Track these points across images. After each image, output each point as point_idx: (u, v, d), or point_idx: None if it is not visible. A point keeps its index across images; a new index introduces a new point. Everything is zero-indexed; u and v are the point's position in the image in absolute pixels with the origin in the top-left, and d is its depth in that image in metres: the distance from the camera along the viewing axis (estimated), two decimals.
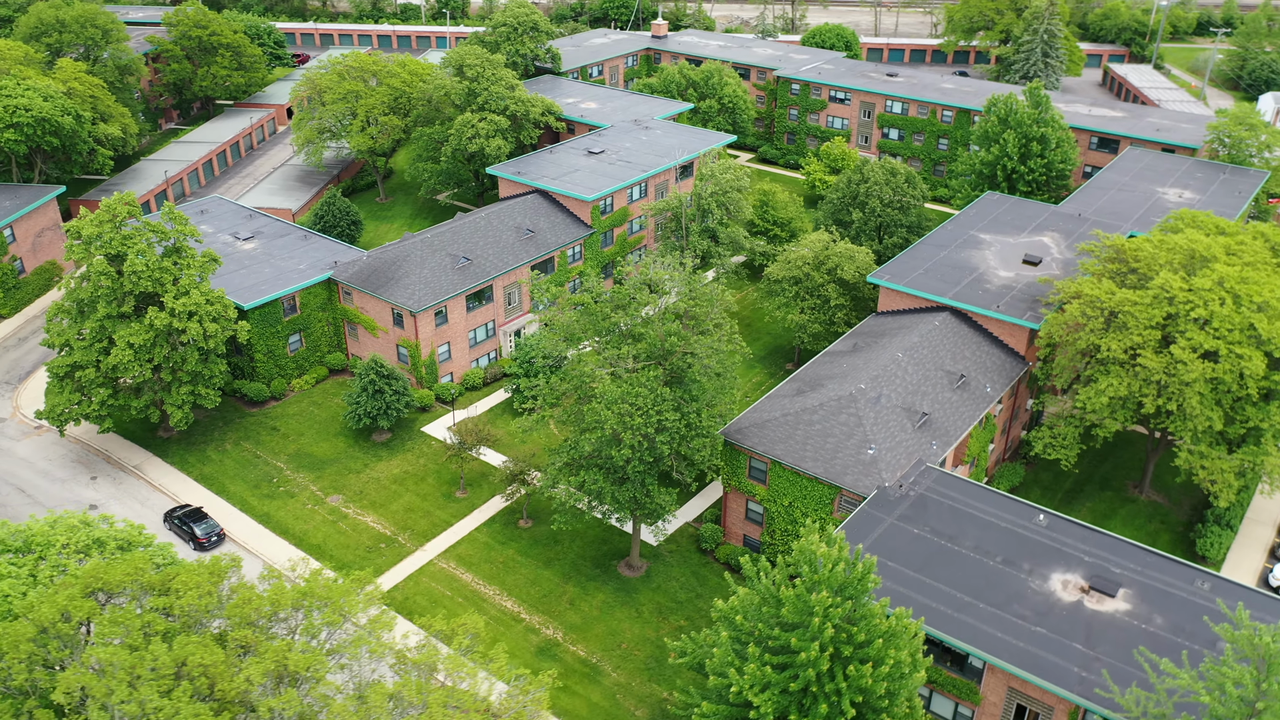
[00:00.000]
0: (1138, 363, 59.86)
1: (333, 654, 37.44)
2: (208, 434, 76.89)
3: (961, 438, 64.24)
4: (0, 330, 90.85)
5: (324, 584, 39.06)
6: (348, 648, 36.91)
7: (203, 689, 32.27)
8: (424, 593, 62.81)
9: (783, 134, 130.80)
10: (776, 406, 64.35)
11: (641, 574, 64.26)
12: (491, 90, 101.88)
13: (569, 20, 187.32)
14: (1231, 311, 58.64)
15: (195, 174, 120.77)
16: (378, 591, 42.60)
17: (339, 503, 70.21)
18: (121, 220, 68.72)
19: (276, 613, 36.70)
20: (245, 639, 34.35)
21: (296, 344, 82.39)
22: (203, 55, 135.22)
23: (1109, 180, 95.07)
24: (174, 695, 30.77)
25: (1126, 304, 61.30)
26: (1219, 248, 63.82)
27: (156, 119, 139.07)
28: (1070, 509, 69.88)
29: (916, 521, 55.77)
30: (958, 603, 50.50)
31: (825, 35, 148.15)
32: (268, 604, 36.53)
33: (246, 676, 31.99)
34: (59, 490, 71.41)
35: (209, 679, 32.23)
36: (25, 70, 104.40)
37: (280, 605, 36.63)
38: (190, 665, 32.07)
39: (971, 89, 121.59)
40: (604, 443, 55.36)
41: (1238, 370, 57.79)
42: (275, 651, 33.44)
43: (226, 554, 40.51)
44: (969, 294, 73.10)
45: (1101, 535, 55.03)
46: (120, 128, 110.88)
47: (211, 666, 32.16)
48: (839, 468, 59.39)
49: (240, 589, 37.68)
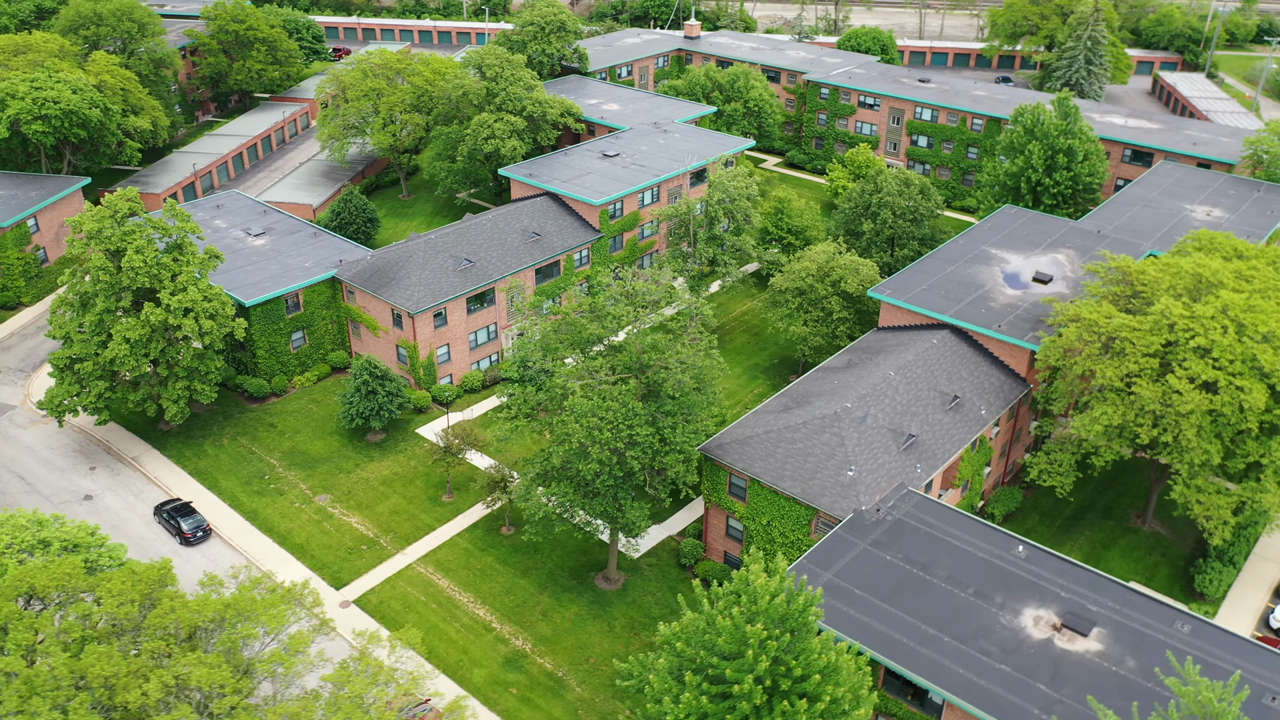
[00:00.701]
0: (1133, 391, 57.71)
1: (241, 668, 37.21)
2: (206, 428, 77.79)
3: (950, 461, 62.54)
4: (21, 318, 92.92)
5: (248, 597, 38.96)
6: (263, 663, 36.74)
7: (104, 701, 32.39)
8: (399, 597, 62.82)
9: (811, 139, 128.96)
10: (760, 423, 63.23)
11: (618, 587, 63.61)
12: (509, 91, 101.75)
13: (608, 19, 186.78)
14: (1233, 341, 56.21)
15: (224, 167, 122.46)
16: (315, 602, 42.43)
17: (326, 502, 70.56)
18: (123, 216, 69.63)
19: (196, 625, 36.70)
20: (159, 650, 34.38)
21: (300, 341, 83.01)
22: (239, 49, 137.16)
23: (1135, 196, 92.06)
24: (71, 707, 30.89)
25: (1124, 329, 59.14)
26: (1229, 273, 61.31)
27: (193, 111, 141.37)
28: (1068, 537, 67.83)
29: (890, 547, 54.36)
30: (922, 635, 49.08)
31: (861, 38, 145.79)
32: (189, 615, 36.53)
33: (143, 690, 32.00)
34: (57, 479, 72.73)
35: (109, 691, 32.32)
36: (59, 63, 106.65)
37: (202, 617, 36.63)
38: (91, 676, 32.20)
39: (1004, 97, 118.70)
40: (572, 456, 54.80)
41: (1237, 402, 55.39)
42: (179, 666, 33.43)
43: (157, 561, 40.51)
44: (971, 312, 71.20)
45: (1082, 570, 53.15)
46: (150, 121, 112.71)
47: (113, 678, 32.24)
48: (817, 488, 58.16)
49: (169, 597, 37.76)
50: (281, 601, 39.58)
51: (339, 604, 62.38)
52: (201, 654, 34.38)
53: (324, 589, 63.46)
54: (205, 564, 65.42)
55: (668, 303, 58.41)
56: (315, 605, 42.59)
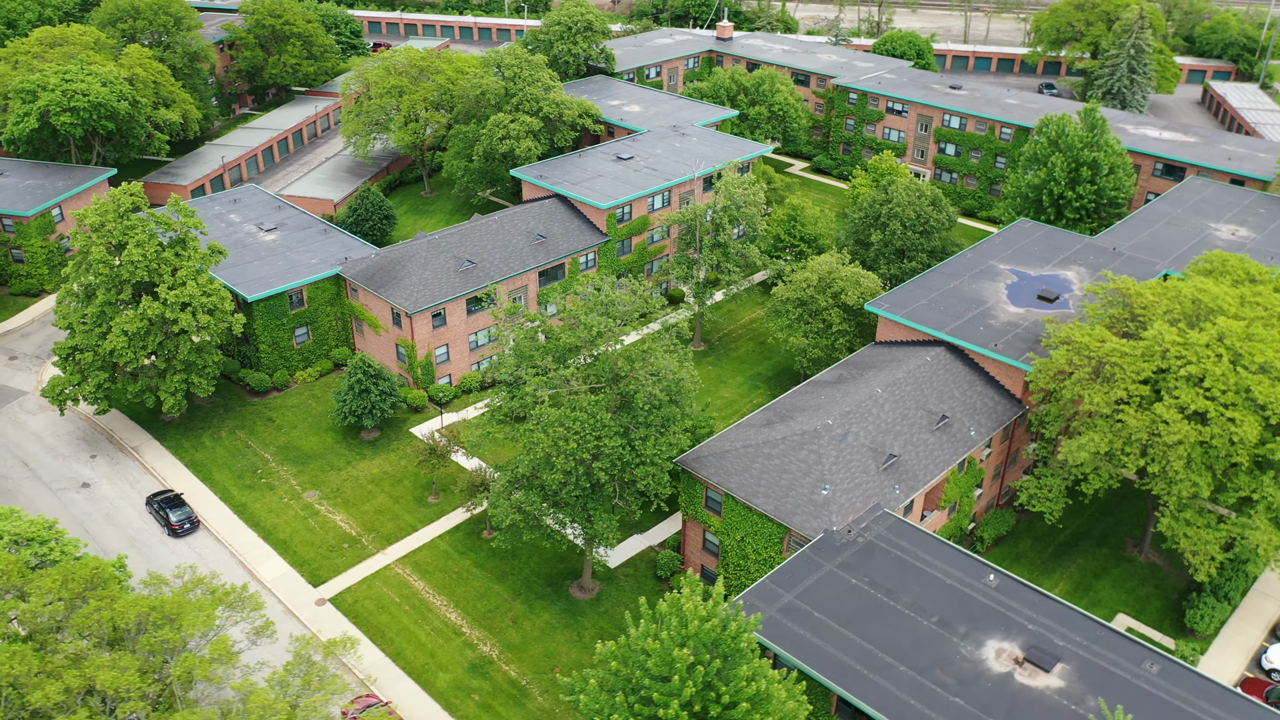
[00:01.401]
0: (1119, 418, 55.88)
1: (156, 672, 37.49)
2: (206, 420, 78.98)
3: (934, 483, 61.18)
4: (42, 306, 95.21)
5: (176, 600, 39.26)
6: (176, 669, 36.99)
7: (14, 700, 32.90)
8: (374, 597, 63.18)
9: (838, 144, 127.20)
10: (740, 436, 62.42)
11: (592, 596, 63.30)
12: (527, 91, 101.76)
13: (647, 18, 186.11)
14: (1227, 371, 54.13)
15: (254, 160, 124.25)
16: (254, 606, 42.67)
17: (314, 499, 71.22)
18: (126, 210, 70.88)
19: (117, 626, 37.12)
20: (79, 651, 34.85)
21: (303, 337, 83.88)
22: (275, 43, 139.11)
23: (1158, 212, 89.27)
24: None
25: (1115, 354, 57.29)
26: (1232, 298, 59.06)
27: (229, 104, 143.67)
28: (1059, 564, 66.05)
29: (857, 570, 53.30)
30: (877, 663, 48.02)
31: (897, 42, 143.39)
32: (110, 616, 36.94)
33: (45, 692, 32.44)
34: (58, 466, 74.37)
35: (19, 690, 32.85)
36: (94, 56, 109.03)
37: (125, 619, 37.02)
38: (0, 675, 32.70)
39: (1035, 106, 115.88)
40: (537, 465, 54.57)
41: (1228, 435, 53.33)
42: (91, 668, 33.82)
43: (88, 558, 41.04)
44: (969, 329, 69.56)
45: (1053, 603, 51.60)
46: (181, 113, 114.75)
47: (23, 677, 32.76)
48: (790, 506, 57.23)
49: (99, 597, 38.26)
50: (219, 604, 39.82)
51: (314, 601, 62.95)
52: (117, 656, 34.76)
53: (301, 586, 64.08)
54: (190, 556, 66.43)
55: (642, 313, 57.77)
56: (255, 609, 42.80)
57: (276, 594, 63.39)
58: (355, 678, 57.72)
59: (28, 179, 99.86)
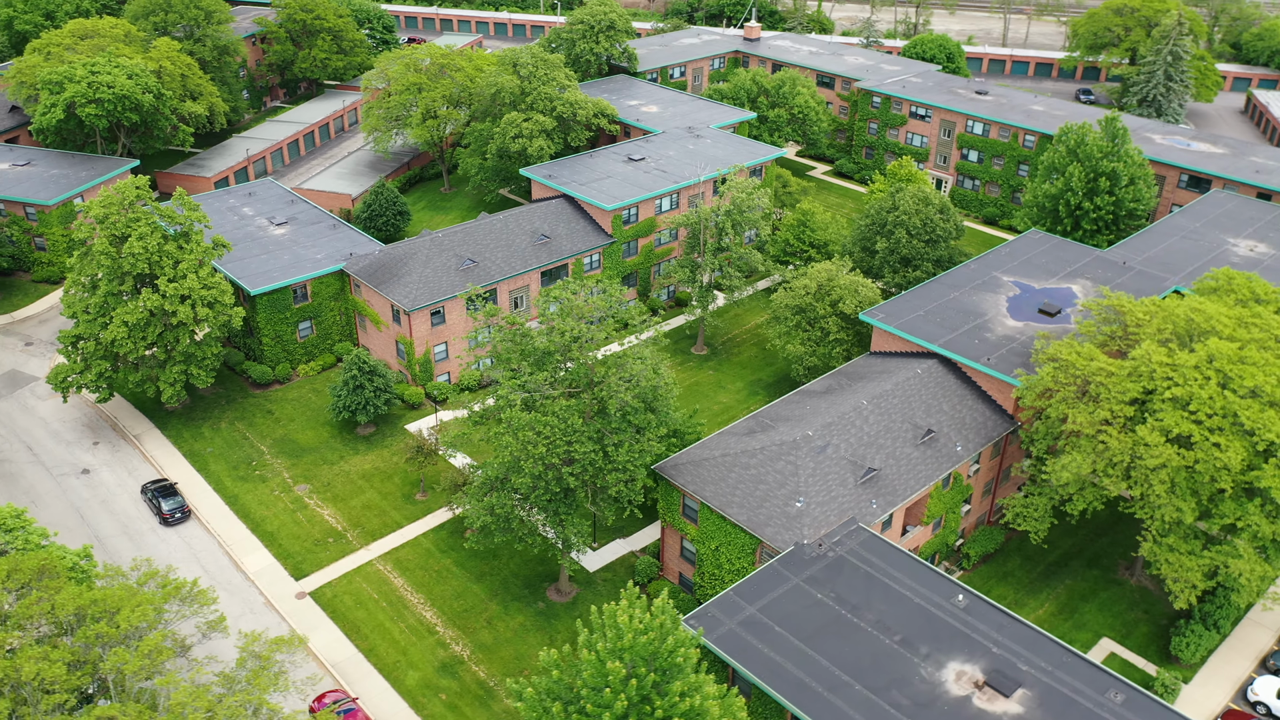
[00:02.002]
0: (1101, 439, 54.60)
1: (85, 664, 38.03)
2: (207, 411, 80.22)
3: (915, 498, 60.30)
4: (61, 293, 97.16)
5: (115, 594, 39.84)
6: (107, 663, 37.48)
7: None
8: (353, 593, 63.75)
9: (861, 148, 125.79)
10: (721, 444, 62.01)
11: (568, 600, 63.30)
12: (541, 90, 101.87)
13: (680, 16, 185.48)
14: (1215, 394, 52.65)
15: (280, 153, 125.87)
16: (204, 601, 43.21)
17: (304, 492, 72.02)
18: (129, 202, 72.17)
19: (59, 619, 37.81)
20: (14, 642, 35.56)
21: (307, 330, 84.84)
22: (305, 37, 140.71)
23: (1175, 225, 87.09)
24: None
25: (1101, 374, 55.99)
26: (1228, 319, 57.43)
27: (261, 97, 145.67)
28: (1046, 584, 64.77)
29: (824, 585, 52.70)
30: (834, 681, 47.44)
31: (927, 45, 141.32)
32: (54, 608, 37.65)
33: None
34: (61, 451, 76.01)
35: None
36: (123, 48, 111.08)
37: (64, 611, 37.69)
38: None
39: (1061, 113, 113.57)
40: (506, 469, 54.67)
41: (1212, 460, 51.85)
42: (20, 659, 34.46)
43: (53, 548, 41.78)
44: (963, 342, 68.42)
45: (1021, 626, 50.62)
46: (207, 106, 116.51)
47: None
48: (763, 517, 56.76)
49: (44, 588, 38.99)
50: (169, 598, 40.37)
51: (295, 595, 63.67)
52: (47, 648, 35.41)
53: (284, 579, 64.84)
54: (179, 544, 67.58)
55: (622, 322, 57.62)
56: (206, 604, 43.36)
57: (259, 586, 64.21)
58: (327, 672, 58.33)
59: (53, 169, 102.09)
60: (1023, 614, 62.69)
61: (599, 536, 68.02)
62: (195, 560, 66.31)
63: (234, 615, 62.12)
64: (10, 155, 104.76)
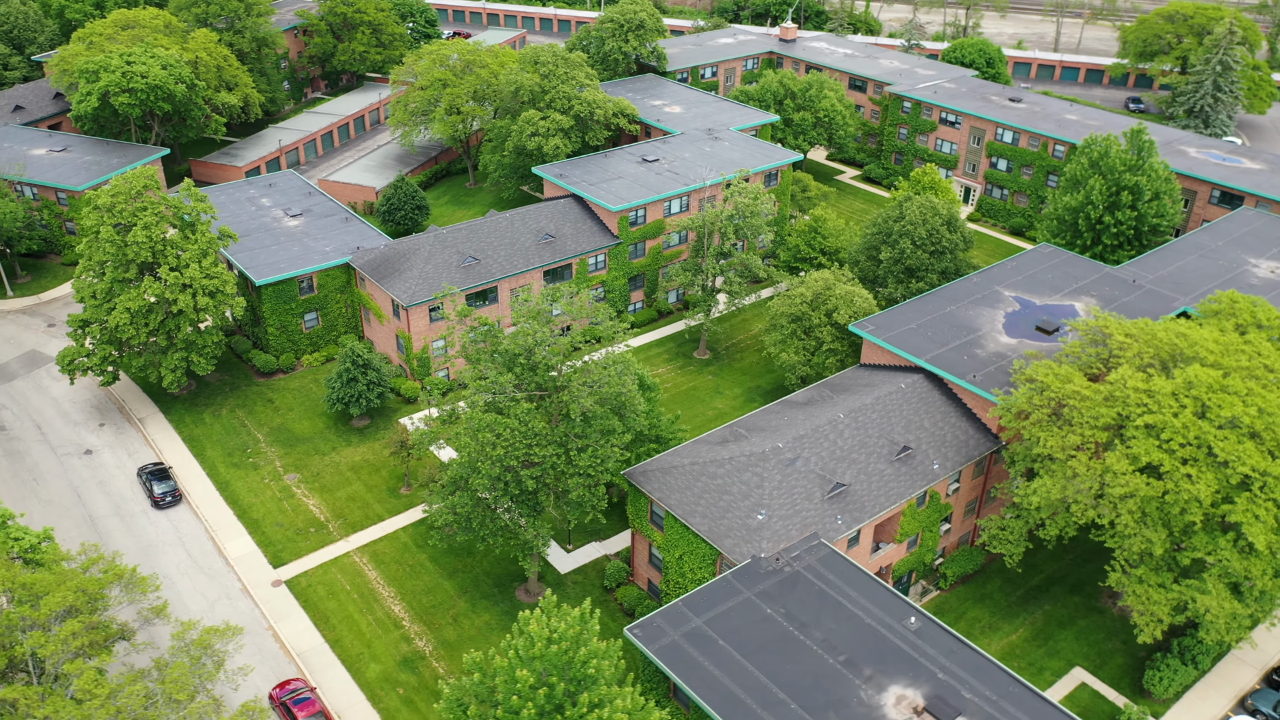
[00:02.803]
0: (1070, 465, 53.19)
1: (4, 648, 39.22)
2: (211, 397, 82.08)
3: (885, 515, 59.38)
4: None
5: (46, 578, 40.98)
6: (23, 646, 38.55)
7: None
8: (327, 583, 64.79)
9: (890, 154, 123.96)
10: (693, 453, 61.70)
11: (536, 600, 63.49)
12: (559, 89, 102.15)
13: (725, 15, 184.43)
14: (1189, 423, 50.95)
15: (313, 144, 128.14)
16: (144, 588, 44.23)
17: (293, 481, 73.34)
18: (137, 192, 74.07)
19: None
20: None
21: (313, 322, 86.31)
22: (346, 30, 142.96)
23: (1195, 243, 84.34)
24: None
25: (1075, 397, 54.53)
26: (1214, 345, 55.49)
27: (302, 88, 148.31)
28: (1024, 609, 63.36)
29: (776, 600, 52.19)
30: (770, 699, 46.98)
31: (967, 49, 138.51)
32: None
33: None
34: (68, 431, 78.41)
35: None
36: (161, 39, 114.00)
37: None
38: None
39: (1095, 123, 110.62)
40: (464, 469, 55.08)
41: (1180, 491, 50.19)
42: None
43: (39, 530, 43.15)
44: (950, 358, 67.12)
45: (971, 652, 49.58)
46: (242, 97, 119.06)
47: None
48: (723, 528, 56.38)
49: None
50: (109, 583, 41.46)
51: (271, 583, 64.89)
52: None
53: (263, 566, 66.11)
54: (168, 527, 69.31)
55: (593, 332, 57.85)
56: (146, 590, 44.42)
57: (238, 572, 65.58)
58: (292, 660, 59.42)
59: (87, 155, 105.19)
60: (995, 638, 61.47)
61: (574, 539, 68.21)
62: (180, 544, 67.97)
63: (210, 600, 63.67)
64: (49, 141, 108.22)
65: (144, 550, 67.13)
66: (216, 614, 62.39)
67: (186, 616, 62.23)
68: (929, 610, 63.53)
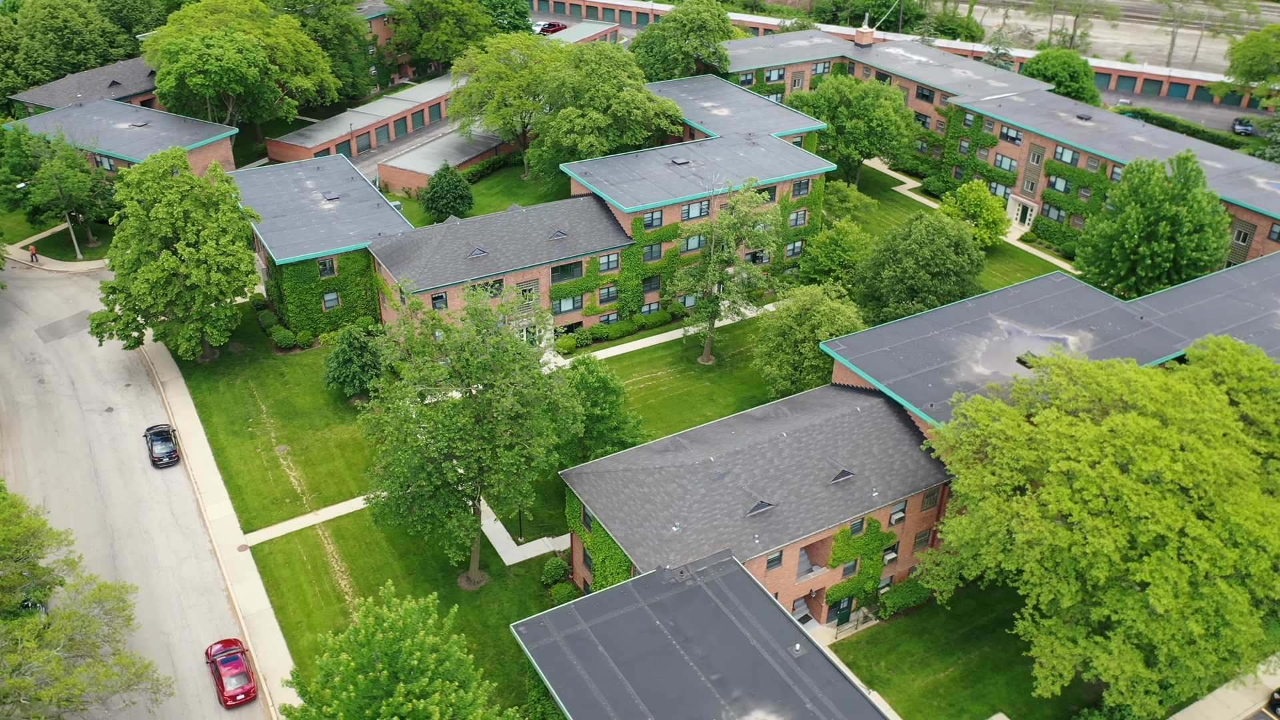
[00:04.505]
0: (980, 506, 51.60)
1: None
2: (230, 367, 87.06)
3: (811, 538, 58.77)
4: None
5: None
6: None
7: None
8: (287, 552, 68.28)
9: (951, 167, 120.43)
10: (631, 459, 62.32)
11: (475, 589, 65.49)
12: (599, 88, 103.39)
13: (819, 15, 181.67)
14: (1107, 473, 48.70)
15: (385, 129, 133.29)
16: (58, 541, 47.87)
17: (282, 453, 77.32)
18: (165, 171, 79.18)
19: None
20: None
21: (333, 302, 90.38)
22: (432, 19, 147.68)
23: (1225, 281, 79.46)
24: None
25: (998, 436, 52.75)
26: (1160, 394, 52.71)
27: (390, 75, 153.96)
28: (961, 648, 61.66)
29: (668, 613, 52.50)
30: (630, 710, 47.45)
31: (1050, 62, 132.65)
32: None
33: None
34: (97, 389, 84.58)
35: None
36: (244, 23, 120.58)
37: None
38: None
39: (1164, 145, 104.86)
40: (388, 457, 57.29)
41: (1085, 543, 48.12)
42: None
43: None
44: (913, 384, 65.54)
45: (847, 686, 48.81)
46: (317, 81, 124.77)
47: None
48: (638, 536, 56.96)
49: None
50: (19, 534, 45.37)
51: (237, 547, 68.83)
52: None
53: (234, 531, 70.13)
54: (160, 486, 74.20)
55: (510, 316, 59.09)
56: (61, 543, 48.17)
57: (211, 534, 69.77)
58: (237, 622, 63.09)
59: (163, 131, 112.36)
60: (922, 674, 60.11)
61: (526, 533, 69.79)
62: (167, 502, 72.72)
63: (180, 558, 68.03)
64: (134, 116, 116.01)
65: (133, 505, 72.16)
66: (182, 571, 66.74)
67: (156, 571, 67.00)
68: (862, 639, 62.66)
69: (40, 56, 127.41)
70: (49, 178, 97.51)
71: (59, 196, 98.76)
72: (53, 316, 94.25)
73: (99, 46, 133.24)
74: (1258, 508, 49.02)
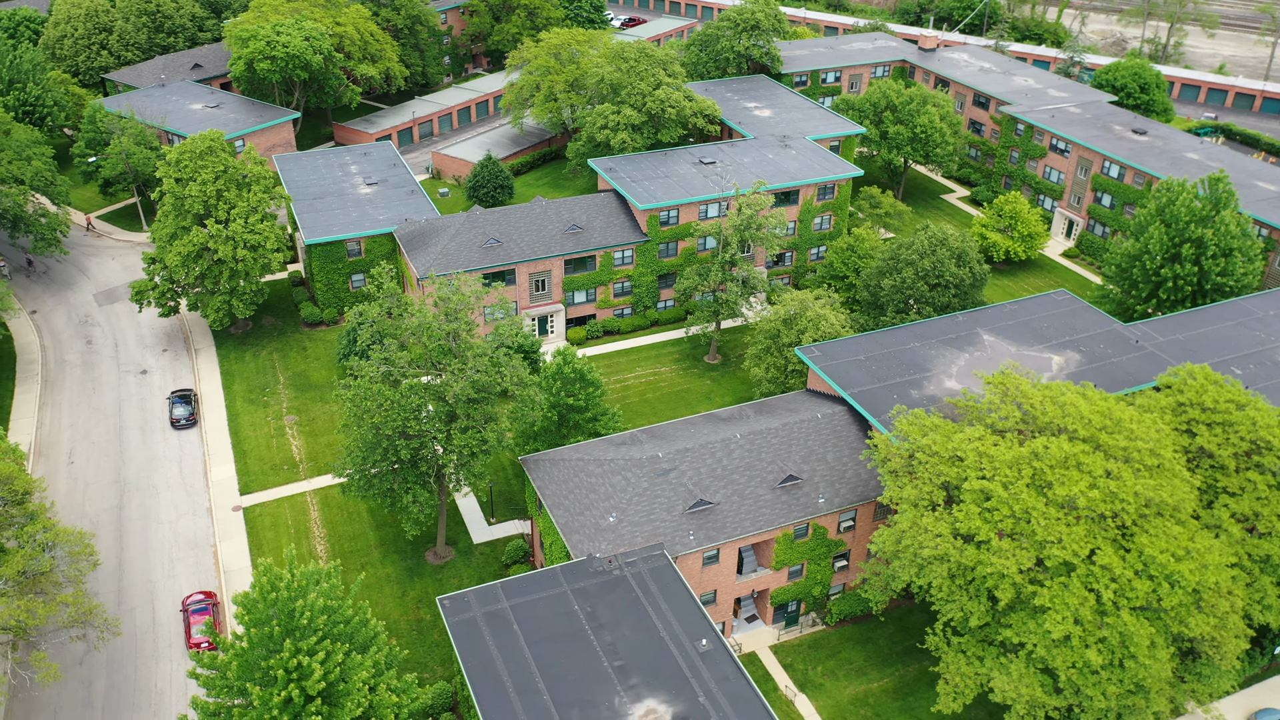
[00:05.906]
0: (893, 519, 51.77)
1: None
2: (259, 338, 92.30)
3: (749, 539, 59.74)
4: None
5: None
6: None
7: None
8: (274, 515, 72.56)
9: (1000, 177, 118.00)
10: (588, 450, 64.25)
11: (440, 564, 68.48)
12: (635, 85, 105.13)
13: (903, 16, 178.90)
14: (1020, 494, 48.42)
15: (448, 118, 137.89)
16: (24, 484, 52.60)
17: (290, 423, 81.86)
18: (202, 152, 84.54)
19: None
20: None
21: (360, 282, 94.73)
22: (505, 12, 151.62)
23: (1239, 309, 76.47)
24: None
25: (924, 451, 52.78)
26: (1096, 418, 51.86)
27: (463, 64, 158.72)
28: (902, 660, 61.75)
29: (588, 599, 54.37)
30: (528, 687, 49.54)
31: (1120, 73, 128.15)
32: None
33: None
34: (137, 352, 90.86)
35: None
36: (317, 12, 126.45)
37: None
38: None
39: (1216, 163, 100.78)
40: (348, 433, 60.58)
41: (991, 564, 47.97)
42: None
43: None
44: (879, 395, 65.55)
45: (744, 684, 49.81)
46: (383, 70, 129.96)
47: None
48: (577, 524, 58.92)
49: None
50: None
51: (232, 507, 73.47)
52: None
53: (232, 492, 74.79)
54: (175, 445, 79.54)
55: (468, 309, 61.65)
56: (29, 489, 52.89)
57: (210, 494, 74.62)
58: (217, 576, 67.57)
59: (233, 113, 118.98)
60: (857, 683, 60.45)
61: (498, 513, 72.46)
62: (179, 461, 77.97)
63: (179, 513, 73.02)
64: (209, 97, 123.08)
65: (148, 461, 77.65)
66: (179, 526, 71.68)
67: (155, 524, 72.10)
68: (805, 643, 63.28)
69: (133, 39, 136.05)
70: (118, 153, 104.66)
71: (126, 171, 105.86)
72: (110, 283, 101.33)
73: (188, 30, 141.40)
74: (1181, 541, 48.00)
